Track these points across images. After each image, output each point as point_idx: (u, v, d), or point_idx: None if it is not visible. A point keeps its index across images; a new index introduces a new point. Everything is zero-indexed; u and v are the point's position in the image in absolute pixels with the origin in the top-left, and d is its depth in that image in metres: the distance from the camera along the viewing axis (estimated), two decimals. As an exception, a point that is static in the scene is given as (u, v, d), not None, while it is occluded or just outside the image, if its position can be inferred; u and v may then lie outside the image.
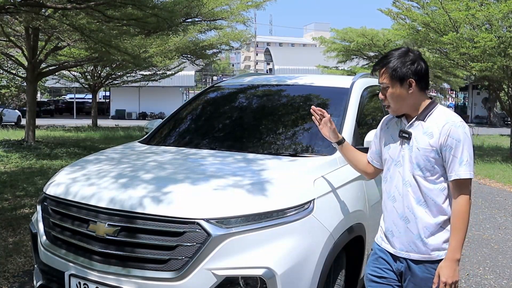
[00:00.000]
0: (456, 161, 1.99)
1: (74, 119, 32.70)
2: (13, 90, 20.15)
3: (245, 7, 15.33)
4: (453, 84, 29.12)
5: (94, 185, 2.64)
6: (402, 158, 2.11)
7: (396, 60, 2.07)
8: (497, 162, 11.91)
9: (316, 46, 46.53)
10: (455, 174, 2.00)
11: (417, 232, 2.08)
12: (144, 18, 9.90)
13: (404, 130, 2.11)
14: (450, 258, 2.01)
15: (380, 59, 2.15)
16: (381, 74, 2.10)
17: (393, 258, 2.18)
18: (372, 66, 2.20)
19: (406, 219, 2.10)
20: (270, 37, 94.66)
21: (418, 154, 2.05)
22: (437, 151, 2.02)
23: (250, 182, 2.53)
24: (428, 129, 2.05)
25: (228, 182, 2.54)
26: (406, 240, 2.11)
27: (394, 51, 2.13)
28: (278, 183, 2.54)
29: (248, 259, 2.27)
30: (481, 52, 11.08)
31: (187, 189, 2.48)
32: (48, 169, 8.86)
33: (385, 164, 2.23)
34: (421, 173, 2.05)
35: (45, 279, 2.74)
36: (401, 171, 2.11)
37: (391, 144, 2.18)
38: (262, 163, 2.87)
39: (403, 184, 2.10)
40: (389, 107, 2.13)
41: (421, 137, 2.05)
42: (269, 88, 4.07)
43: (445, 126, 2.01)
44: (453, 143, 1.99)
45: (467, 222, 2.03)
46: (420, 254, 2.09)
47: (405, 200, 2.10)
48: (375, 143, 2.35)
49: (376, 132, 2.36)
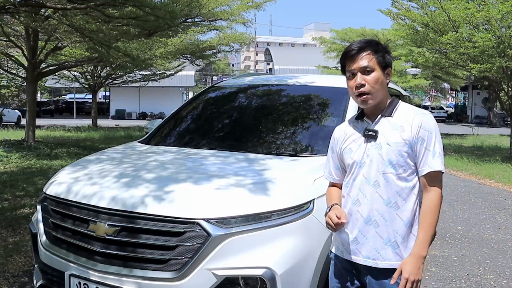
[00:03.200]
0: (429, 153, 1.90)
1: (74, 119, 32.70)
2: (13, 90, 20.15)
3: (245, 7, 15.33)
4: (453, 84, 29.16)
5: (94, 185, 2.64)
6: (367, 158, 1.97)
7: (379, 46, 1.98)
8: (497, 162, 11.91)
9: (316, 46, 46.55)
10: (429, 167, 1.90)
11: (387, 237, 1.93)
12: (144, 17, 9.91)
13: (369, 129, 1.98)
14: (415, 254, 1.86)
15: (355, 44, 1.99)
16: (364, 57, 1.95)
17: (356, 268, 2.02)
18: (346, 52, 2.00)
19: (375, 223, 1.94)
20: (270, 37, 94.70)
21: (389, 150, 1.92)
22: (410, 144, 1.91)
23: (250, 182, 2.53)
24: (397, 123, 1.95)
25: (228, 182, 2.54)
26: (374, 247, 1.94)
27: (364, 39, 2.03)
28: (278, 183, 2.54)
29: (248, 259, 2.27)
30: (480, 53, 11.09)
31: (187, 189, 2.48)
32: (48, 169, 8.86)
33: (348, 169, 2.06)
34: (394, 170, 1.92)
35: (45, 279, 2.74)
36: (364, 172, 1.97)
37: (353, 147, 2.03)
38: (262, 163, 2.87)
39: (369, 185, 1.95)
40: (368, 94, 1.94)
41: (390, 133, 1.94)
42: (269, 88, 4.07)
43: (416, 118, 1.93)
44: (425, 135, 1.91)
45: (437, 218, 1.92)
46: (388, 261, 1.93)
47: (373, 203, 1.94)
48: (332, 158, 2.17)
49: (330, 146, 2.19)
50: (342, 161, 2.12)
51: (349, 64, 1.98)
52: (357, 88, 1.95)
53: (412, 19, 12.99)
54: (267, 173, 2.68)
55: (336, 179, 2.17)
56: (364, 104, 1.98)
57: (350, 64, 1.98)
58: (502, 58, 10.97)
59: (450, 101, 48.29)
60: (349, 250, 2.02)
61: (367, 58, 1.95)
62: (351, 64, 1.97)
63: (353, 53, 1.97)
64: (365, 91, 1.95)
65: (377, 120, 2.00)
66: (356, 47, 1.97)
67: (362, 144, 2.00)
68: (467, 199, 7.77)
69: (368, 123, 2.02)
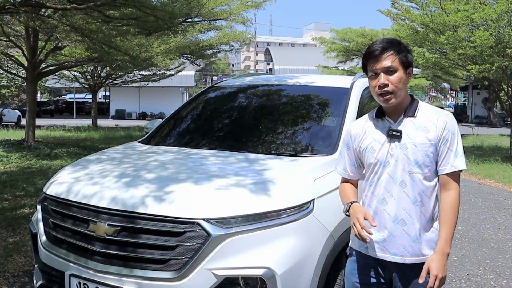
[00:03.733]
0: (451, 153, 1.96)
1: (74, 119, 32.70)
2: (13, 90, 20.16)
3: (245, 7, 15.34)
4: (453, 84, 29.15)
5: (94, 185, 2.64)
6: (391, 158, 1.99)
7: (401, 46, 1.98)
8: (497, 162, 11.90)
9: (316, 46, 46.56)
10: (451, 166, 1.96)
11: (415, 234, 1.99)
12: (144, 18, 9.90)
13: (394, 129, 2.00)
14: (440, 251, 1.94)
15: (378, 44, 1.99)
16: (387, 57, 1.95)
17: (380, 265, 2.07)
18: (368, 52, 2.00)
19: (402, 221, 1.99)
20: (270, 37, 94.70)
21: (415, 150, 1.96)
22: (435, 145, 1.96)
23: (250, 182, 2.53)
24: (421, 124, 1.98)
25: (228, 182, 2.54)
26: (401, 244, 2.00)
27: (386, 39, 2.02)
28: (278, 183, 2.54)
29: (248, 259, 2.27)
30: (479, 52, 11.09)
31: (187, 189, 2.48)
32: (48, 169, 8.86)
33: (369, 168, 2.08)
34: (420, 170, 1.97)
35: (45, 279, 2.74)
36: (390, 172, 2.00)
37: (376, 146, 2.04)
38: (262, 163, 2.87)
39: (396, 184, 1.99)
40: (391, 94, 1.96)
41: (415, 133, 1.97)
42: (269, 88, 4.07)
43: (440, 119, 1.98)
44: (449, 136, 1.96)
45: (457, 215, 2.00)
46: (415, 257, 2.00)
47: (400, 202, 1.99)
48: (348, 154, 2.18)
49: (345, 143, 2.21)
50: (359, 159, 2.14)
51: (372, 64, 1.99)
52: (380, 88, 1.96)
53: (412, 20, 12.99)
54: (267, 173, 2.68)
55: (351, 175, 2.20)
56: (386, 103, 1.99)
57: (373, 64, 1.98)
58: (502, 58, 10.97)
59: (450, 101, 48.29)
60: (374, 247, 2.05)
61: (390, 58, 1.95)
62: (374, 64, 1.98)
63: (376, 53, 1.97)
64: (389, 91, 1.96)
65: (400, 120, 2.02)
66: (379, 47, 1.97)
67: (385, 143, 2.02)
68: (467, 199, 7.77)
69: (390, 122, 2.04)
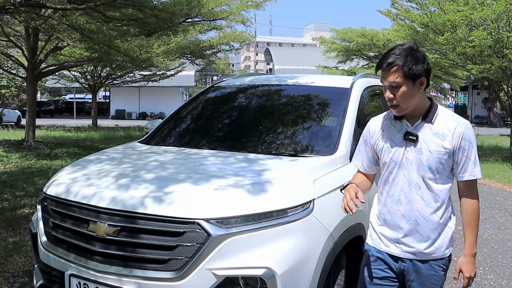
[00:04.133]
0: (470, 162, 2.05)
1: (74, 119, 32.70)
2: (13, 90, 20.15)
3: (245, 7, 15.34)
4: (453, 84, 29.13)
5: (94, 185, 2.64)
6: (406, 160, 2.07)
7: (408, 58, 1.98)
8: (497, 162, 11.89)
9: (316, 46, 46.56)
10: (470, 175, 2.06)
11: (427, 234, 2.09)
12: (144, 18, 9.91)
13: (411, 133, 2.06)
14: (469, 253, 2.10)
15: (388, 56, 2.01)
16: (392, 72, 1.99)
17: (394, 259, 2.18)
18: (378, 64, 2.05)
19: (416, 222, 2.09)
20: (270, 37, 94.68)
21: (430, 156, 2.03)
22: (450, 153, 2.03)
23: (250, 182, 2.53)
24: (439, 131, 2.04)
25: (228, 182, 2.54)
26: (414, 243, 2.11)
27: (400, 47, 2.03)
28: (278, 183, 2.54)
29: (248, 259, 2.27)
30: (479, 52, 11.08)
31: (187, 189, 2.48)
32: (48, 169, 8.85)
33: (385, 167, 2.17)
34: (432, 175, 2.05)
35: (45, 279, 2.74)
36: (406, 174, 2.08)
37: (392, 147, 2.12)
38: (262, 163, 2.87)
39: (411, 187, 2.08)
40: (397, 107, 2.04)
41: (431, 140, 2.04)
42: (269, 88, 4.07)
43: (457, 128, 2.03)
44: (466, 145, 2.03)
45: (479, 218, 2.14)
46: (427, 254, 2.12)
47: (414, 203, 2.08)
48: (365, 150, 2.27)
49: (364, 138, 2.28)
50: (376, 154, 2.22)
51: (382, 75, 2.05)
52: (388, 101, 2.05)
53: (412, 20, 12.99)
54: (267, 173, 2.68)
55: (367, 170, 2.29)
56: (396, 113, 2.09)
57: (382, 76, 2.05)
58: (501, 58, 10.96)
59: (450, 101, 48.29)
60: (388, 244, 2.18)
61: (393, 74, 1.99)
62: (383, 77, 2.04)
63: (383, 67, 2.03)
64: (394, 104, 2.04)
65: (418, 125, 2.07)
66: (385, 62, 2.01)
67: (401, 145, 2.10)
68: (467, 199, 7.76)
69: (408, 125, 2.09)
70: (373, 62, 24.27)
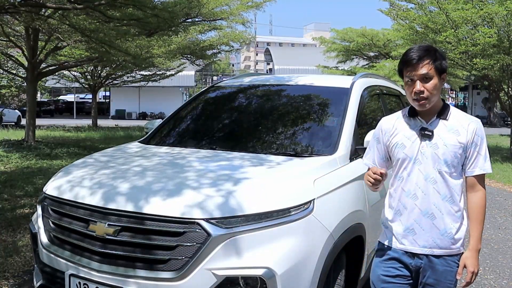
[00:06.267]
0: (481, 157, 2.13)
1: (74, 119, 32.70)
2: (13, 90, 20.17)
3: (245, 7, 15.34)
4: (453, 84, 29.14)
5: (94, 185, 2.64)
6: (422, 155, 2.13)
7: (437, 54, 2.10)
8: (497, 162, 11.89)
9: (316, 46, 46.56)
10: (481, 169, 2.13)
11: (443, 227, 2.13)
12: (145, 18, 9.91)
13: (426, 128, 2.14)
14: (474, 248, 2.12)
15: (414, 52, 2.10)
16: (424, 65, 2.06)
17: (409, 256, 2.19)
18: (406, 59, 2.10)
19: (432, 215, 2.13)
20: (270, 37, 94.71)
21: (446, 150, 2.10)
22: (464, 147, 2.11)
23: (250, 182, 2.53)
24: (453, 127, 2.13)
25: (228, 182, 2.53)
26: (430, 237, 2.14)
27: (423, 46, 2.13)
28: (278, 183, 2.54)
29: (248, 259, 2.27)
30: (481, 51, 11.06)
31: (187, 189, 2.47)
32: (48, 169, 8.85)
33: (398, 163, 2.21)
34: (448, 169, 2.11)
35: (45, 279, 2.74)
36: (421, 169, 2.13)
37: (406, 143, 2.17)
38: (262, 163, 2.87)
39: (427, 181, 2.13)
40: (426, 100, 2.08)
41: (447, 135, 2.12)
42: (269, 88, 4.07)
43: (471, 124, 2.13)
44: (478, 140, 2.12)
45: (485, 213, 2.18)
46: (443, 249, 2.15)
47: (430, 197, 2.13)
48: (377, 148, 2.31)
49: (375, 137, 2.32)
50: (388, 153, 2.27)
51: (409, 71, 2.10)
52: (416, 94, 2.09)
53: (412, 20, 12.99)
54: (267, 173, 2.68)
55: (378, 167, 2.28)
56: (421, 107, 2.12)
57: (410, 71, 2.10)
58: (506, 56, 10.89)
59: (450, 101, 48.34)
60: (403, 240, 2.19)
61: (426, 66, 2.07)
62: (411, 71, 2.09)
63: (414, 61, 2.08)
64: (424, 97, 2.09)
65: (433, 121, 2.15)
66: (417, 55, 2.08)
67: (416, 141, 2.15)
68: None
69: (422, 122, 2.16)
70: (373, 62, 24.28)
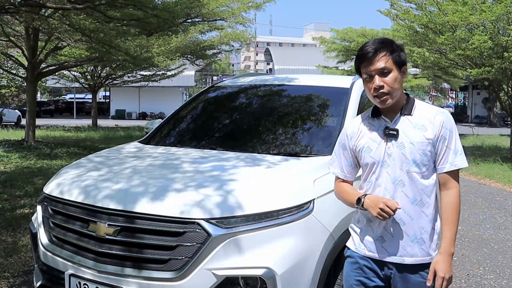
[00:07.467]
0: (450, 152, 1.94)
1: (74, 119, 32.69)
2: (13, 90, 20.15)
3: (245, 7, 15.35)
4: (453, 84, 29.15)
5: (94, 185, 2.64)
6: (389, 157, 1.96)
7: (394, 45, 1.95)
8: (497, 162, 11.89)
9: (316, 46, 46.55)
10: (450, 165, 1.94)
11: (413, 234, 1.95)
12: (145, 18, 9.91)
13: (390, 128, 1.97)
14: (446, 252, 1.92)
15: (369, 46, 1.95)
16: (381, 58, 1.92)
17: (379, 265, 2.02)
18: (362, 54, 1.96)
19: (401, 221, 1.95)
20: (270, 37, 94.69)
21: (413, 149, 1.93)
22: (433, 143, 1.93)
23: (250, 182, 2.53)
24: (419, 122, 1.95)
25: (228, 181, 2.54)
26: (400, 244, 1.96)
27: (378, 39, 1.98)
28: (278, 183, 2.55)
29: (248, 259, 2.28)
30: (479, 54, 11.08)
31: (187, 189, 2.48)
32: (48, 169, 8.85)
33: (367, 168, 2.04)
34: (418, 169, 1.94)
35: (45, 279, 2.74)
36: (389, 172, 1.96)
37: (372, 146, 2.00)
38: (262, 163, 2.87)
39: (394, 184, 1.96)
40: (386, 95, 1.93)
41: (412, 132, 1.94)
42: (269, 88, 4.07)
43: (437, 117, 1.95)
44: (446, 134, 1.94)
45: (459, 214, 1.97)
46: (414, 258, 1.96)
47: (399, 202, 1.93)
48: (344, 155, 2.12)
49: (341, 143, 2.14)
50: (356, 158, 2.10)
51: (366, 66, 1.95)
52: (375, 90, 1.93)
53: (411, 20, 12.99)
54: (267, 173, 2.68)
55: (348, 176, 2.15)
56: (382, 104, 1.96)
57: (367, 66, 1.95)
58: (501, 60, 10.94)
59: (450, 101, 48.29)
60: (372, 248, 2.02)
61: (383, 59, 1.92)
62: (368, 66, 1.94)
63: (369, 55, 1.93)
64: (384, 92, 1.93)
65: (397, 119, 1.98)
66: (372, 48, 1.93)
67: (382, 143, 1.99)
68: (467, 199, 7.76)
69: (387, 121, 2.00)
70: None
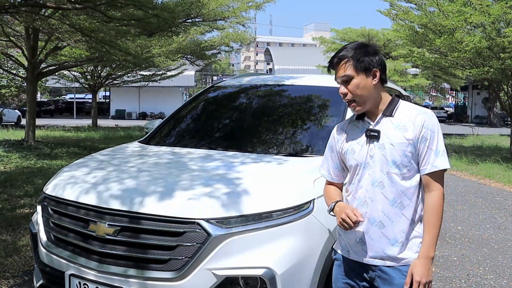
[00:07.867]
0: (432, 153, 1.90)
1: (74, 119, 32.70)
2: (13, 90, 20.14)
3: (245, 7, 15.34)
4: (453, 84, 29.17)
5: (94, 185, 2.64)
6: (371, 159, 1.95)
7: (357, 50, 1.94)
8: (497, 162, 11.89)
9: (316, 46, 46.54)
10: (432, 166, 1.90)
11: (394, 237, 1.92)
12: (145, 18, 9.91)
13: (372, 129, 1.96)
14: (424, 255, 1.87)
15: (337, 53, 1.98)
16: (342, 66, 1.94)
17: (363, 268, 2.00)
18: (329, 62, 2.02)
19: (381, 224, 1.93)
20: (270, 37, 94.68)
21: (393, 150, 1.91)
22: (413, 144, 1.90)
23: (250, 182, 2.53)
24: (400, 123, 1.93)
25: (228, 181, 2.54)
26: (380, 247, 1.94)
27: (351, 44, 2.00)
28: (278, 183, 2.55)
29: (248, 259, 2.28)
30: (475, 55, 11.09)
31: (187, 189, 2.48)
32: (48, 169, 8.85)
33: (351, 170, 2.04)
34: (398, 170, 1.91)
35: (45, 279, 2.74)
36: (370, 173, 1.95)
37: (356, 148, 2.00)
38: (262, 163, 2.87)
39: (374, 186, 1.94)
40: (354, 102, 1.95)
41: (393, 133, 1.93)
42: (269, 88, 4.07)
43: (418, 117, 1.92)
44: (428, 134, 1.90)
45: (441, 217, 1.92)
46: (394, 261, 1.93)
47: (378, 204, 1.92)
48: (331, 157, 2.14)
49: (329, 146, 2.16)
50: (343, 161, 2.09)
51: (335, 74, 2.01)
52: (343, 97, 1.98)
53: (411, 20, 13.01)
54: (267, 173, 2.68)
55: (335, 178, 2.15)
56: (353, 110, 2.00)
57: (335, 74, 2.00)
58: (499, 60, 10.93)
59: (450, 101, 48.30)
60: (355, 250, 2.01)
61: (343, 67, 1.95)
62: (335, 74, 2.00)
63: (334, 63, 1.99)
64: (349, 99, 1.96)
65: (379, 120, 1.97)
66: (336, 57, 1.98)
67: (365, 144, 1.98)
68: (467, 199, 7.77)
69: (369, 123, 1.99)
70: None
